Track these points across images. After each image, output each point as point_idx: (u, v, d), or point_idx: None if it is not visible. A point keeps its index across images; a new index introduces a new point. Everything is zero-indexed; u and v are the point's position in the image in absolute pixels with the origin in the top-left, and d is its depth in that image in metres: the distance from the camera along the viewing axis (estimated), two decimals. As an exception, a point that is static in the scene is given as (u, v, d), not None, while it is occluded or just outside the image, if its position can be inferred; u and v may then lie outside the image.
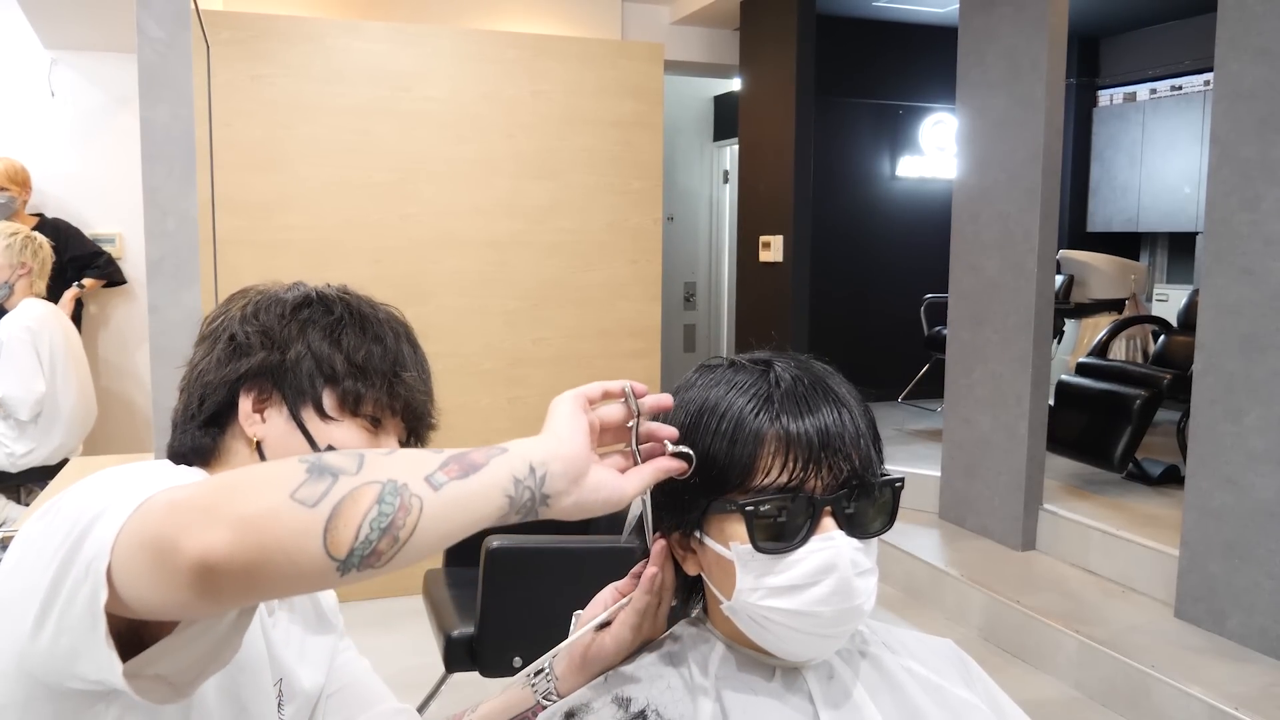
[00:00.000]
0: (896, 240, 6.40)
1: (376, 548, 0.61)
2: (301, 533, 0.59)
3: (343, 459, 0.63)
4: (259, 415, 0.95)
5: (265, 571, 0.58)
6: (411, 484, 0.63)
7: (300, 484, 0.60)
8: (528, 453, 0.69)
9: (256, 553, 0.58)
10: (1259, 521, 2.91)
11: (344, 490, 0.60)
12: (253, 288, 1.02)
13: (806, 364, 0.86)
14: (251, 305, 0.99)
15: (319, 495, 0.60)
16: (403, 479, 0.63)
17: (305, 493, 0.60)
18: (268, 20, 3.76)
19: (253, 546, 0.58)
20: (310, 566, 0.59)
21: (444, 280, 3.97)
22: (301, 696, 1.04)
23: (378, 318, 1.01)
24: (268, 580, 0.59)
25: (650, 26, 5.39)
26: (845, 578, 0.80)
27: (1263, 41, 2.86)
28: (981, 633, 3.52)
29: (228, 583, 0.58)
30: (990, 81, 3.95)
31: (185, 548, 0.57)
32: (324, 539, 0.59)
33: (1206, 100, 6.11)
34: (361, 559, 0.60)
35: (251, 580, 0.59)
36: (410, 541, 0.62)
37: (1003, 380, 3.93)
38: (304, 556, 0.59)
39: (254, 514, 0.58)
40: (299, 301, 0.99)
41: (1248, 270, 2.92)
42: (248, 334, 0.96)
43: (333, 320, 0.98)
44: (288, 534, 0.59)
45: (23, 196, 4.36)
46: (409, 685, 2.87)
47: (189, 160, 2.28)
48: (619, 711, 0.85)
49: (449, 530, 0.64)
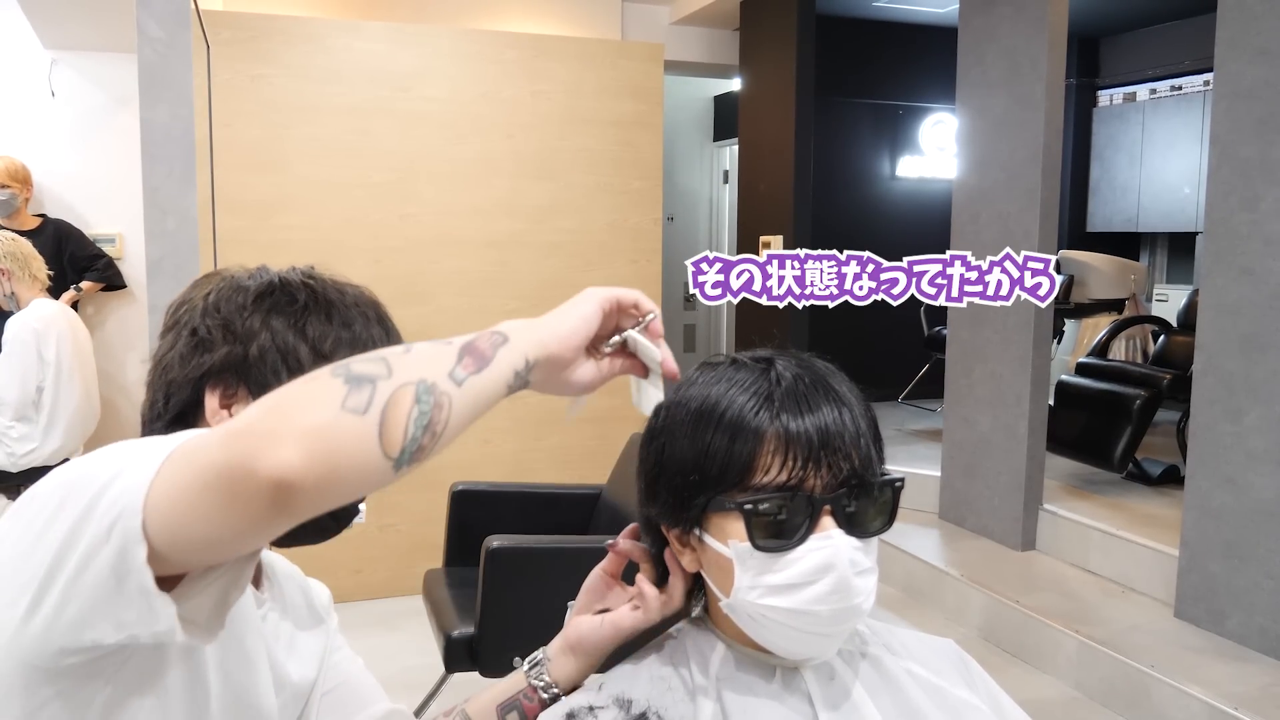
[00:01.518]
0: (896, 240, 6.34)
1: (421, 443, 0.65)
2: (362, 438, 0.63)
3: (369, 364, 0.66)
4: (226, 412, 0.92)
5: (336, 479, 0.62)
6: (440, 382, 0.67)
7: (345, 395, 0.63)
8: (525, 345, 0.74)
9: (327, 466, 0.61)
10: (1259, 521, 2.91)
11: (385, 395, 0.64)
12: (217, 273, 0.98)
13: (808, 362, 0.86)
14: (214, 294, 0.95)
15: (366, 403, 0.63)
16: (431, 378, 0.67)
17: (353, 402, 0.63)
18: (268, 20, 3.76)
19: (323, 460, 0.61)
20: (373, 469, 0.63)
21: (444, 280, 3.97)
22: (290, 689, 1.03)
23: (345, 302, 0.98)
24: (338, 488, 0.63)
25: (650, 26, 5.39)
26: (844, 577, 0.80)
27: (1263, 41, 2.86)
28: (981, 633, 3.52)
29: (304, 497, 0.61)
30: (990, 81, 3.95)
31: (261, 470, 0.59)
32: (380, 442, 0.63)
33: (1206, 100, 6.11)
34: (411, 455, 0.65)
35: (324, 491, 0.62)
36: (444, 433, 0.67)
37: (1003, 380, 3.93)
38: (367, 461, 0.63)
39: (317, 429, 0.61)
40: (261, 290, 0.95)
41: (1248, 270, 2.92)
42: (209, 327, 0.92)
43: (297, 308, 0.94)
44: (351, 443, 0.62)
45: (24, 195, 4.36)
46: (409, 685, 2.87)
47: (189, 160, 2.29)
48: (620, 713, 0.85)
49: (470, 418, 0.70)
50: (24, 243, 3.53)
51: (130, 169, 3.80)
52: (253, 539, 0.65)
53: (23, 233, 3.92)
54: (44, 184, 4.56)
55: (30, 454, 3.44)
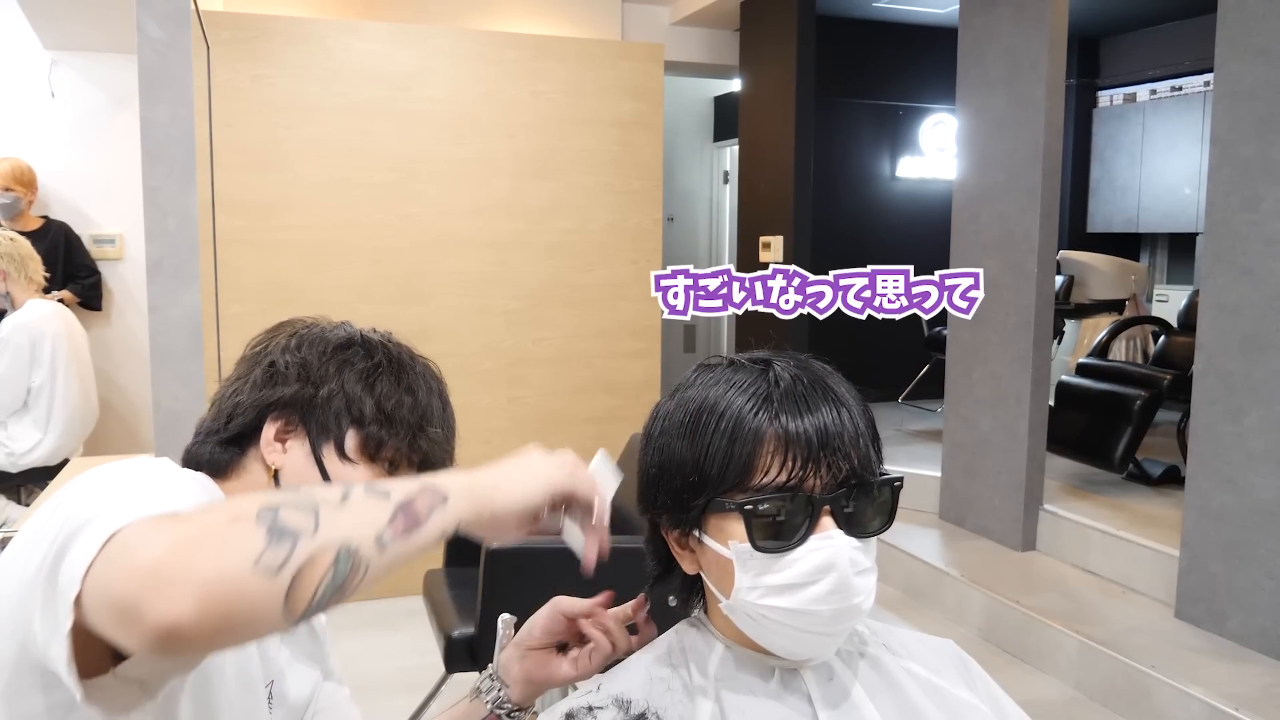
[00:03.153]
0: (896, 240, 6.40)
1: (326, 605, 0.65)
2: (265, 599, 0.62)
3: (298, 515, 0.65)
4: (280, 445, 0.97)
5: (227, 633, 0.62)
6: (363, 547, 0.66)
7: (262, 551, 0.62)
8: (462, 509, 0.74)
9: (220, 620, 0.60)
10: (1259, 522, 2.90)
11: (302, 557, 0.63)
12: (300, 320, 1.05)
13: (806, 363, 0.87)
14: (296, 338, 1.01)
15: (280, 562, 0.62)
16: (355, 541, 0.66)
17: (268, 560, 0.62)
18: (268, 20, 3.76)
19: (217, 615, 0.60)
20: (268, 626, 0.63)
21: (444, 280, 3.97)
22: (287, 706, 1.06)
23: (414, 369, 1.03)
24: (228, 639, 0.63)
25: (650, 27, 5.39)
26: (844, 576, 0.80)
27: (1263, 41, 2.86)
28: (981, 633, 3.51)
29: (189, 645, 0.61)
30: (990, 82, 3.95)
31: (149, 617, 0.59)
32: (284, 603, 0.62)
33: (1206, 100, 6.11)
34: (311, 613, 0.65)
35: (212, 641, 0.62)
36: (350, 595, 0.67)
37: (1003, 380, 3.93)
38: (265, 619, 0.62)
39: (219, 584, 0.60)
40: (342, 342, 1.01)
41: (1248, 270, 2.92)
42: (287, 364, 0.99)
43: (371, 365, 1.00)
44: (252, 602, 0.61)
45: (28, 197, 4.36)
46: (409, 685, 2.87)
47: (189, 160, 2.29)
48: (619, 713, 0.85)
49: (384, 575, 0.69)
50: (23, 243, 3.51)
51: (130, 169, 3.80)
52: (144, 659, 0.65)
53: (24, 234, 3.92)
54: (44, 184, 4.56)
55: (29, 454, 3.44)
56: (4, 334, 3.38)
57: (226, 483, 0.98)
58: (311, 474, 0.97)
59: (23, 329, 3.39)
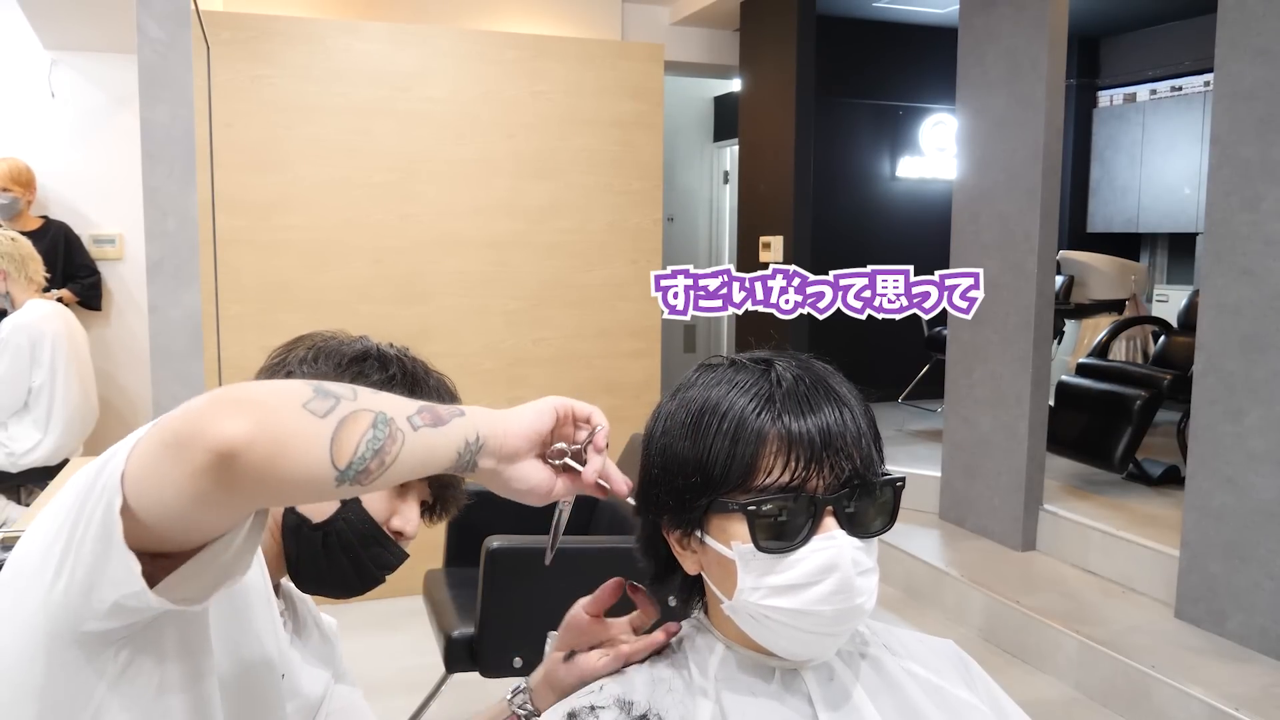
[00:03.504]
0: (896, 240, 6.40)
1: (369, 465, 0.68)
2: (313, 436, 0.65)
3: (341, 388, 0.69)
4: None
5: (278, 466, 0.64)
6: (397, 419, 0.70)
7: (310, 398, 0.67)
8: (478, 423, 0.76)
9: (274, 445, 0.63)
10: (1259, 522, 2.90)
11: (346, 410, 0.68)
12: (319, 333, 1.07)
13: (807, 363, 0.86)
14: (314, 350, 1.04)
15: (326, 409, 0.67)
16: (390, 413, 0.70)
17: (315, 405, 0.66)
18: (268, 20, 3.76)
19: (270, 439, 0.63)
20: (316, 469, 0.66)
21: (444, 280, 3.97)
22: (301, 698, 1.07)
23: (429, 383, 1.05)
24: (278, 474, 0.64)
25: (650, 27, 5.39)
26: (846, 577, 0.80)
27: (1263, 42, 2.86)
28: (981, 633, 3.51)
29: (244, 472, 0.63)
30: (990, 82, 3.95)
31: (210, 433, 0.62)
32: (330, 447, 0.66)
33: (1206, 101, 6.11)
34: (356, 473, 0.67)
35: (264, 474, 0.64)
36: (392, 467, 0.69)
37: (1003, 380, 3.93)
38: (312, 458, 0.65)
39: (273, 412, 0.65)
40: (358, 354, 1.04)
41: (1248, 270, 2.92)
42: (304, 375, 1.01)
43: (386, 378, 1.02)
44: (301, 435, 0.65)
45: (26, 197, 4.36)
46: (409, 685, 2.87)
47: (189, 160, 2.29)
48: (621, 714, 0.85)
49: (417, 465, 0.72)
50: (24, 243, 3.51)
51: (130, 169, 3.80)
52: (197, 509, 0.66)
53: (24, 234, 3.92)
54: (44, 185, 4.55)
55: (29, 454, 3.43)
56: (4, 334, 3.37)
57: None
58: None
59: (23, 329, 3.39)
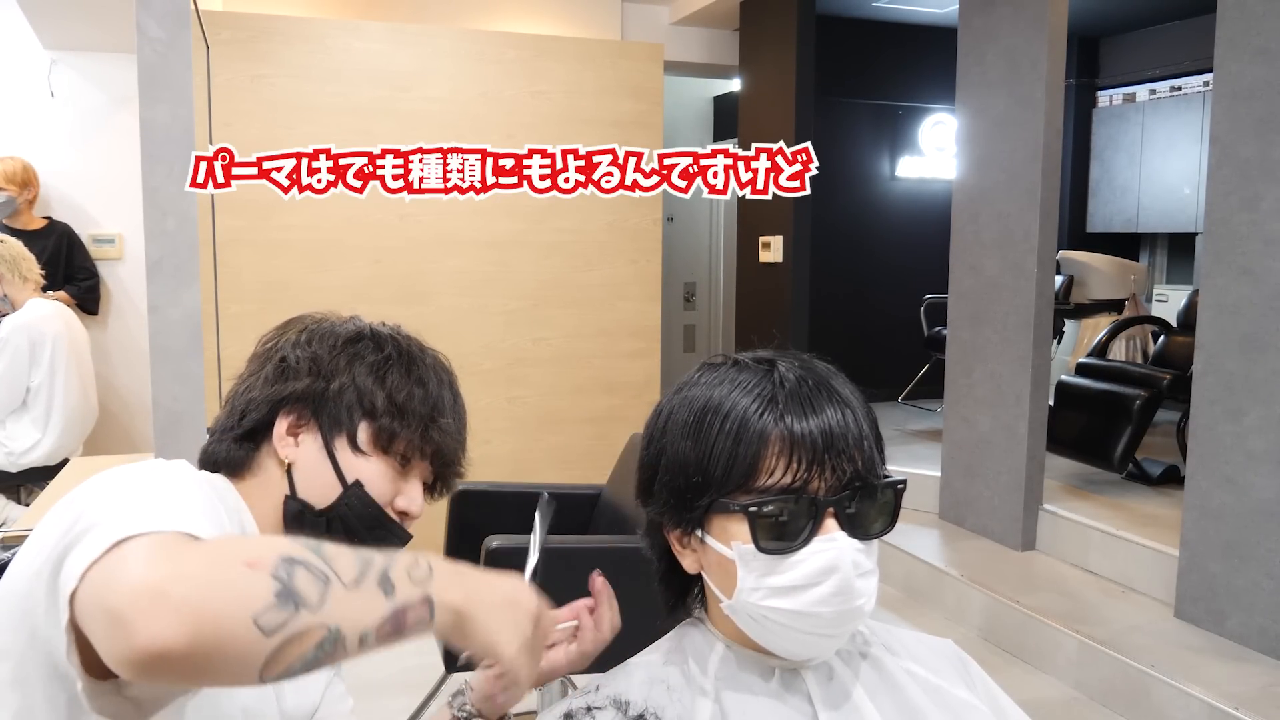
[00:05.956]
0: (896, 240, 6.40)
1: (293, 674, 0.65)
2: (249, 654, 0.62)
3: (310, 583, 0.65)
4: (293, 439, 0.99)
5: (202, 671, 0.62)
6: (348, 638, 0.67)
7: (266, 609, 0.63)
8: (441, 628, 0.73)
9: (202, 658, 0.61)
10: (1259, 521, 2.91)
11: (297, 629, 0.64)
12: (310, 315, 1.06)
13: (810, 364, 0.86)
14: (306, 333, 1.03)
15: (276, 626, 0.63)
16: (345, 630, 0.66)
17: (267, 620, 0.63)
18: (268, 20, 3.76)
19: (201, 652, 0.61)
20: (240, 679, 0.64)
21: (444, 280, 3.97)
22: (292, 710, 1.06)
23: (424, 361, 1.05)
24: (200, 678, 0.64)
25: (650, 27, 5.39)
26: (847, 579, 0.80)
27: (1262, 41, 2.86)
28: (981, 633, 3.52)
29: (169, 672, 0.61)
30: (990, 81, 3.95)
31: (141, 634, 0.59)
32: (263, 663, 0.63)
33: (1206, 100, 6.11)
34: (279, 678, 0.65)
35: (188, 675, 0.63)
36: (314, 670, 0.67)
37: (1003, 380, 3.93)
38: (241, 671, 0.63)
39: (215, 624, 0.61)
40: (352, 335, 1.03)
41: (1247, 270, 2.92)
42: (298, 358, 1.00)
43: (381, 358, 1.01)
44: (236, 652, 0.62)
45: (25, 196, 4.35)
46: (409, 685, 2.87)
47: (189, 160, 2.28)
48: (617, 714, 0.85)
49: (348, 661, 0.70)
50: (13, 243, 3.46)
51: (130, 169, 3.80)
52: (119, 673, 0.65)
53: (27, 233, 3.92)
54: (44, 184, 4.56)
55: (28, 454, 3.43)
56: (4, 334, 3.37)
57: (243, 482, 1.00)
58: (324, 467, 0.98)
59: (23, 329, 3.39)
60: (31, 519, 2.42)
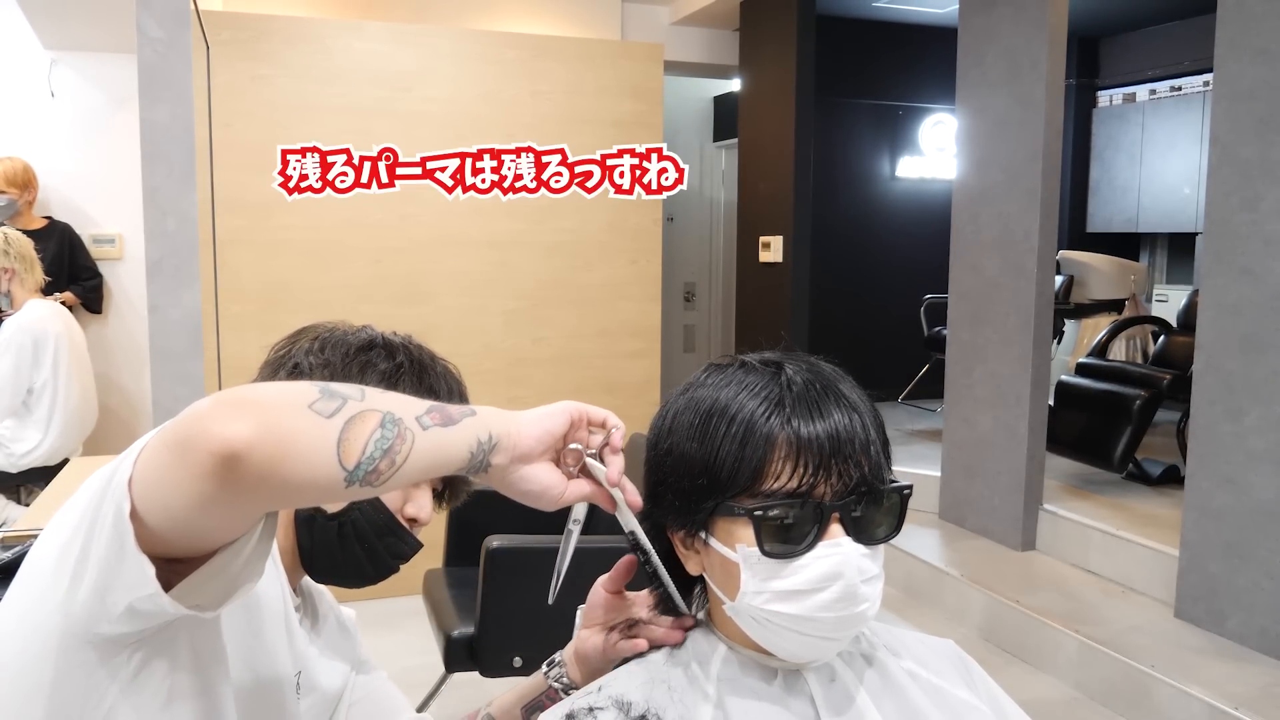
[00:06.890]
0: (896, 240, 6.40)
1: (378, 466, 0.67)
2: (319, 437, 0.65)
3: (348, 388, 0.69)
4: None
5: (283, 468, 0.63)
6: (405, 419, 0.70)
7: (315, 399, 0.66)
8: (490, 422, 0.75)
9: (278, 447, 0.63)
10: (1259, 521, 2.91)
11: (353, 410, 0.67)
12: (322, 324, 1.07)
13: (817, 366, 0.86)
14: (319, 341, 1.04)
15: (333, 410, 0.66)
16: (399, 413, 0.70)
17: (321, 406, 0.66)
18: (268, 20, 3.76)
19: (274, 441, 0.62)
20: (323, 471, 0.65)
21: (444, 280, 3.97)
22: (318, 692, 1.08)
23: (435, 371, 1.06)
24: (282, 479, 0.64)
25: (650, 27, 5.39)
26: (851, 584, 0.80)
27: (1262, 42, 2.86)
28: (981, 633, 3.52)
29: (248, 475, 0.62)
30: (990, 82, 3.95)
31: (213, 436, 0.61)
32: (337, 448, 0.65)
33: (1206, 101, 6.11)
34: (365, 474, 0.67)
35: (268, 476, 0.63)
36: (403, 467, 0.69)
37: (1003, 380, 3.93)
38: (319, 459, 0.65)
39: (277, 413, 0.64)
40: (364, 344, 1.04)
41: (1248, 270, 2.92)
42: (311, 366, 1.01)
43: (393, 366, 1.02)
44: (306, 436, 0.64)
45: (25, 198, 4.35)
46: (409, 685, 2.86)
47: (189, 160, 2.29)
48: (619, 714, 0.85)
49: (429, 465, 0.71)
50: (27, 242, 3.53)
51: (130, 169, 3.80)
52: (207, 515, 0.65)
53: (27, 234, 3.92)
54: (43, 185, 4.55)
55: (29, 454, 3.43)
56: (6, 334, 3.38)
57: None
58: None
59: (25, 330, 3.39)
60: (32, 519, 2.42)
